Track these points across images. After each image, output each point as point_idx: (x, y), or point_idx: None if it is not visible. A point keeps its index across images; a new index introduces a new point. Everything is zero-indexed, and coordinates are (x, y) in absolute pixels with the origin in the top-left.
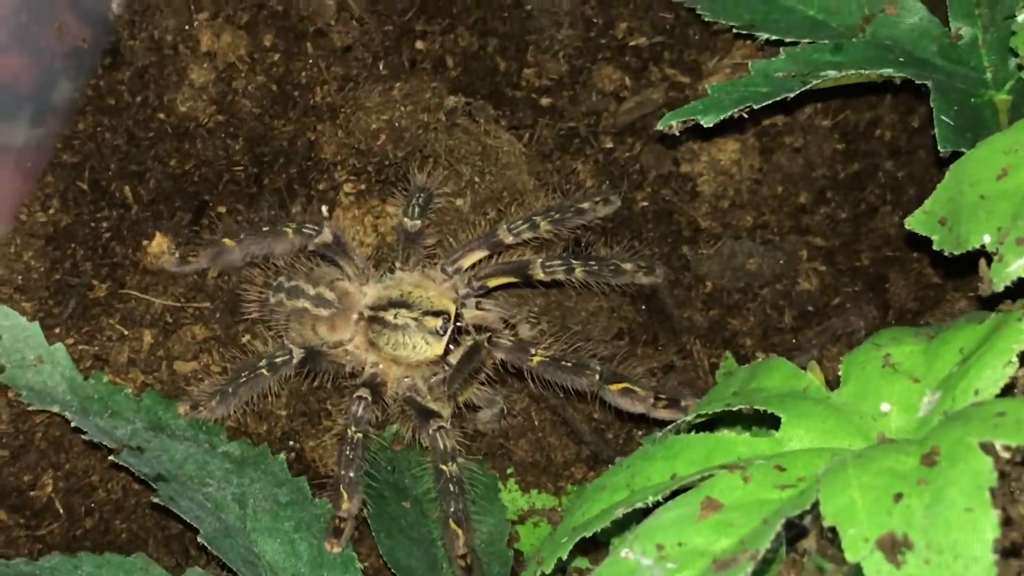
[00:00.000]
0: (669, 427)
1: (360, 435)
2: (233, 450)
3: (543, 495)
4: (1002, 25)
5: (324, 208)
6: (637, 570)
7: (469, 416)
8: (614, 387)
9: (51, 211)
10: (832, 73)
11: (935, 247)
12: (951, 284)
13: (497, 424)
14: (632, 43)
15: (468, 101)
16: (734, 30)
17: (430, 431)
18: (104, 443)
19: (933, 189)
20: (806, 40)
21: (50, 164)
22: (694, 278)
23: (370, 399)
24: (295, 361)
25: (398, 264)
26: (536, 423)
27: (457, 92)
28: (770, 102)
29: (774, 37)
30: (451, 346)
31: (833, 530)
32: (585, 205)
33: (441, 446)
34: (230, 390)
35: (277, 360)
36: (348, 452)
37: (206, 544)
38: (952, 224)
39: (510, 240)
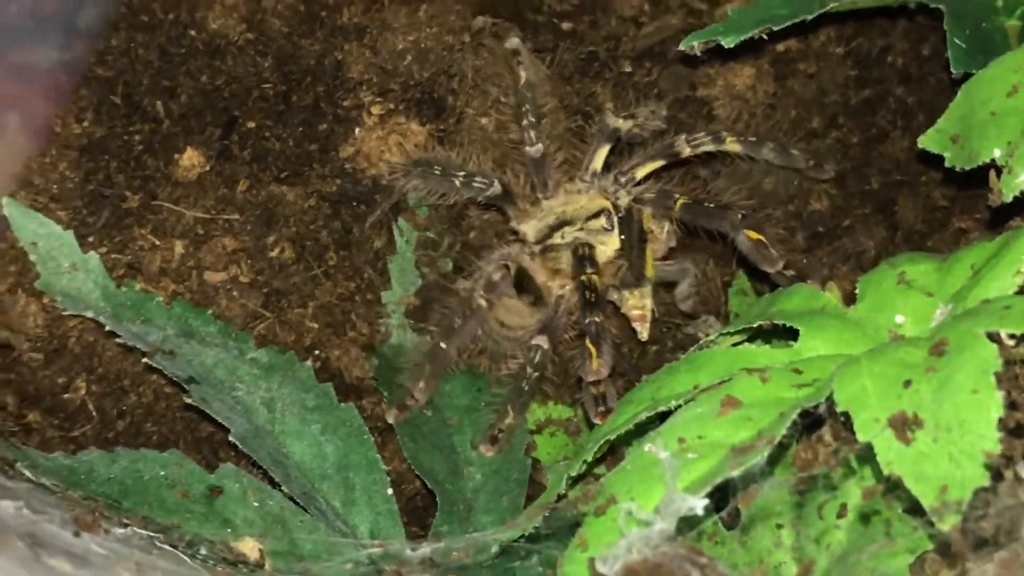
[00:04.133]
0: (693, 347)
1: (596, 277)
2: (261, 356)
3: (559, 406)
4: None
5: (356, 129)
6: (657, 462)
7: (670, 296)
8: (752, 234)
9: (85, 123)
10: None
11: (947, 163)
12: (958, 207)
13: (696, 295)
14: None
15: (495, 21)
16: None
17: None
18: (138, 346)
19: (943, 114)
20: None
21: (84, 78)
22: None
23: (546, 347)
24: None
25: (539, 195)
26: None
27: (483, 14)
28: (788, 24)
29: None
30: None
31: (846, 415)
32: (795, 152)
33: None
34: (444, 344)
35: (494, 277)
36: (588, 295)
37: (237, 443)
38: (964, 141)
39: (686, 152)
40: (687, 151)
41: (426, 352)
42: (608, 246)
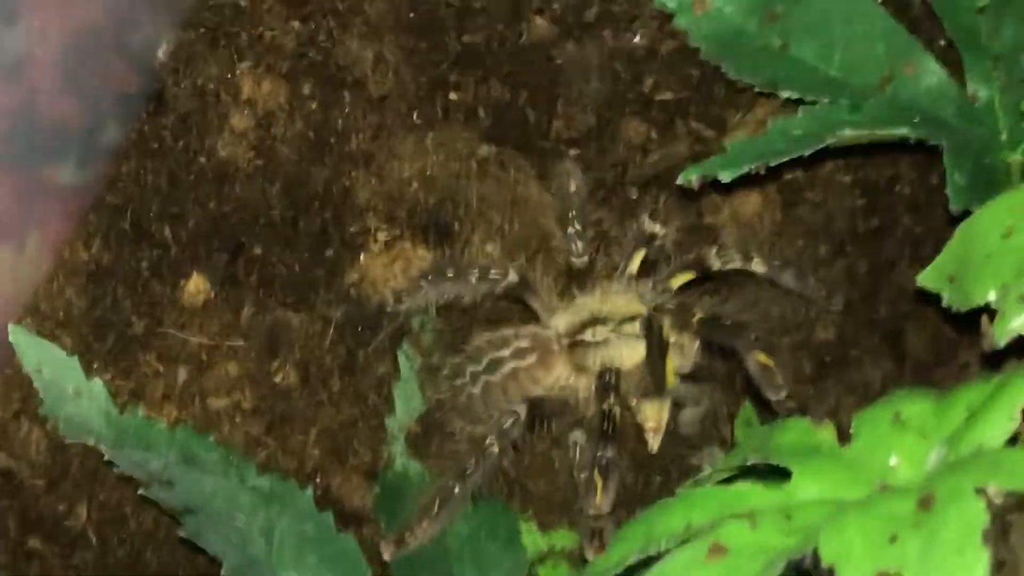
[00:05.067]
0: (688, 482)
1: (617, 408)
2: (263, 484)
3: (562, 535)
4: (1019, 87)
5: (362, 255)
6: None
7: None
8: (762, 358)
9: (93, 249)
10: (848, 132)
11: (944, 303)
12: (965, 340)
13: (699, 426)
14: (659, 97)
15: (499, 151)
16: (756, 88)
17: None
18: (135, 476)
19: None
20: (826, 99)
21: (93, 204)
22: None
23: (523, 417)
24: (523, 418)
25: (576, 292)
26: (556, 464)
27: (489, 142)
28: (788, 159)
29: (795, 96)
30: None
31: (832, 571)
32: (810, 281)
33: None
34: (456, 489)
35: (505, 426)
36: (607, 426)
37: None
38: (960, 281)
39: (716, 266)
40: (717, 264)
41: (436, 493)
42: (637, 352)
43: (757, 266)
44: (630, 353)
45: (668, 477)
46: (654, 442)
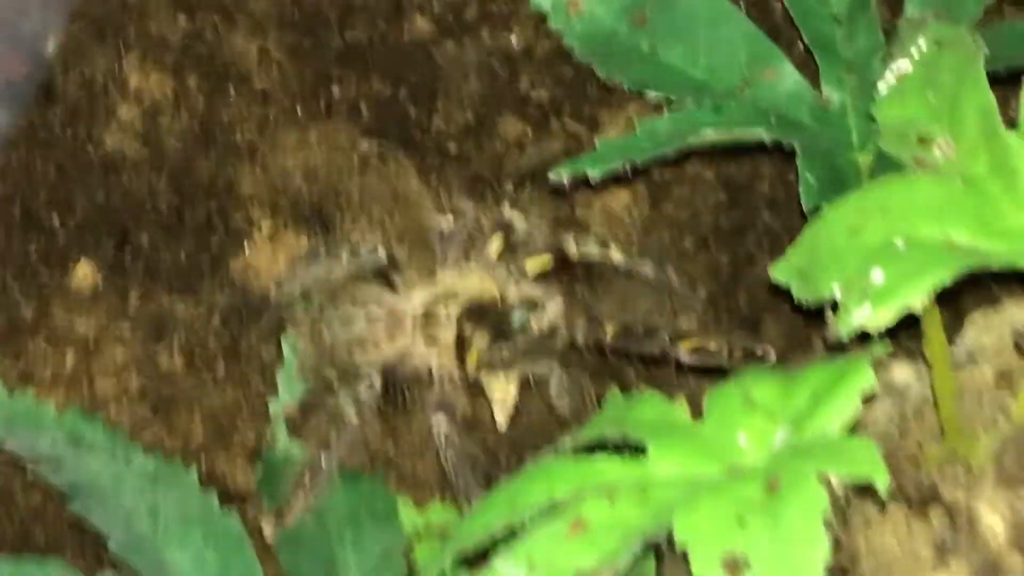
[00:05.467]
0: (550, 447)
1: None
2: (148, 463)
3: (437, 510)
4: (869, 92)
5: (247, 244)
6: None
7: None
8: (685, 344)
9: None
10: (711, 132)
11: (794, 296)
12: (817, 331)
13: (567, 397)
14: (535, 96)
15: (381, 145)
16: (626, 88)
17: None
18: (23, 455)
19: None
20: (691, 100)
21: None
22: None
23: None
24: (377, 386)
25: (436, 265)
26: (431, 444)
27: (370, 136)
28: (652, 157)
29: (663, 96)
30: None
31: (684, 551)
32: (668, 271)
33: None
34: (323, 459)
35: (361, 394)
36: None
37: (117, 552)
38: (808, 275)
39: (572, 251)
40: (573, 250)
41: (306, 466)
42: (484, 331)
43: (614, 254)
44: (479, 332)
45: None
46: (500, 416)
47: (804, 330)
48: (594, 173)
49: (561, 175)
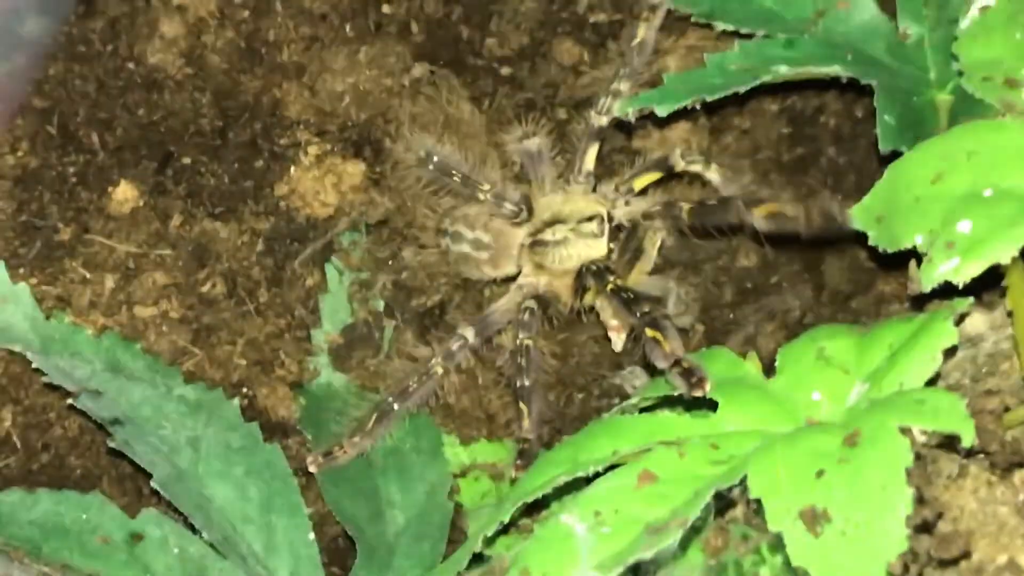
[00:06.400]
0: (615, 409)
1: (530, 342)
2: (189, 393)
3: (484, 445)
4: (948, 26)
5: (292, 168)
6: (571, 535)
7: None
8: (760, 210)
9: (20, 154)
10: (784, 69)
11: (871, 243)
12: (883, 271)
13: (686, 313)
14: (592, 19)
15: (432, 70)
16: (692, 18)
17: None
18: (63, 385)
19: (872, 178)
20: (760, 32)
21: (21, 107)
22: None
23: (537, 308)
24: (470, 343)
25: (537, 192)
26: (480, 381)
27: (421, 58)
28: (723, 95)
29: (731, 28)
30: (612, 244)
31: (759, 502)
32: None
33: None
34: (396, 406)
35: (453, 348)
36: (520, 360)
37: (159, 488)
38: (888, 222)
39: (680, 166)
40: (681, 165)
41: (374, 409)
42: (594, 250)
43: (713, 173)
44: (587, 251)
45: (589, 395)
46: (618, 341)
47: (868, 272)
48: (661, 111)
49: (627, 112)
